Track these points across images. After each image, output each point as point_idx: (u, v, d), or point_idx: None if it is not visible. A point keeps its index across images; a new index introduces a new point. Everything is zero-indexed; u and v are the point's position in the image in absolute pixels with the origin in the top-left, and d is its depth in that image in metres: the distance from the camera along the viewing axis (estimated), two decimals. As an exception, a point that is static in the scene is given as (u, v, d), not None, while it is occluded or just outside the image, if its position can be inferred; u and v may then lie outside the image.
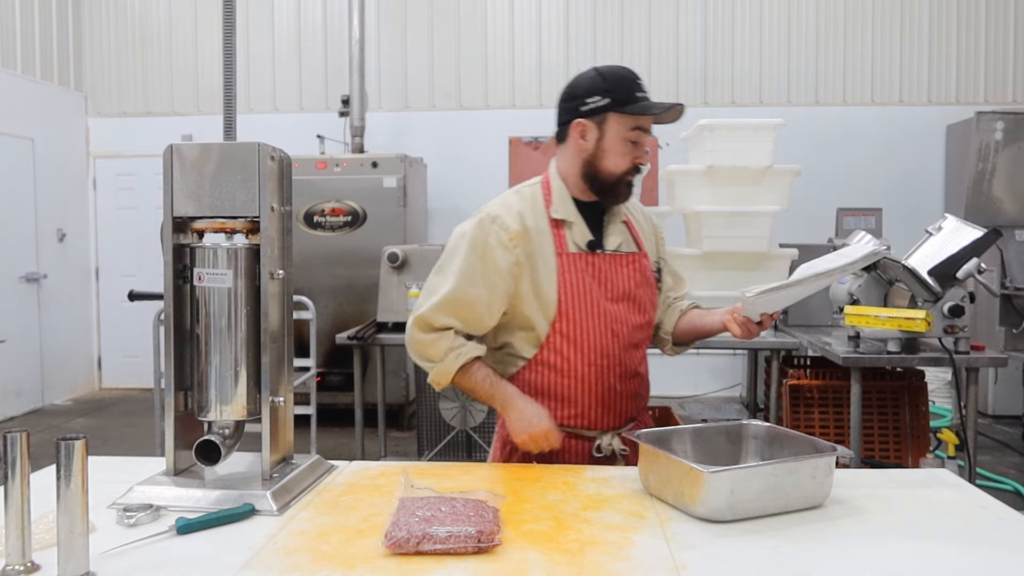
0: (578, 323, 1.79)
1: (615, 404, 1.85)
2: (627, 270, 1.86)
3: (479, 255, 1.79)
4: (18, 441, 1.14)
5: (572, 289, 1.79)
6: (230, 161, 1.48)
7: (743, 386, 6.79)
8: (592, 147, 1.80)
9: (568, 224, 1.83)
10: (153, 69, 7.76)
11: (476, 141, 7.40)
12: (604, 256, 1.84)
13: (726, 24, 7.32)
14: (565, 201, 1.85)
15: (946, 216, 3.32)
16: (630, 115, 1.76)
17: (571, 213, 1.84)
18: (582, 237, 1.83)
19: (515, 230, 1.79)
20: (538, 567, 1.19)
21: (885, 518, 1.40)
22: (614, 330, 1.82)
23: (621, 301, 1.84)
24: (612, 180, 1.81)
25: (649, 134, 1.82)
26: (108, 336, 7.85)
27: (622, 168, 1.80)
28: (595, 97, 1.78)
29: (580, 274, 1.80)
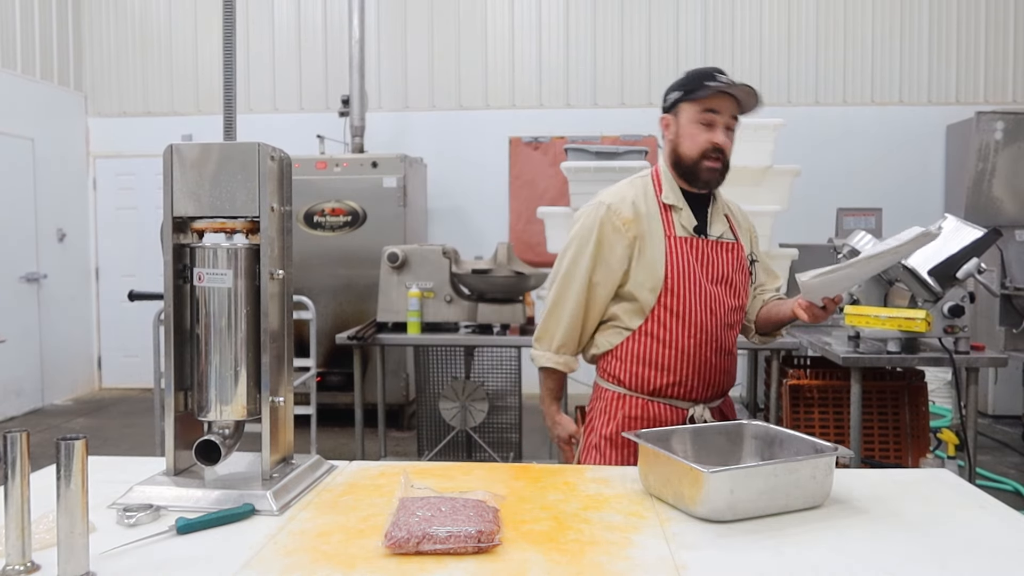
0: (682, 299, 1.97)
1: (710, 376, 2.02)
2: (727, 256, 2.04)
3: (597, 240, 2.02)
4: (18, 441, 1.14)
5: (678, 267, 1.98)
6: (230, 161, 1.48)
7: (743, 386, 6.78)
8: (673, 136, 2.03)
9: (676, 209, 2.02)
10: (153, 69, 7.76)
11: (476, 141, 7.40)
12: (708, 241, 2.03)
13: (726, 24, 7.32)
14: (673, 188, 2.04)
15: (946, 216, 3.32)
16: (697, 100, 1.95)
17: (679, 199, 2.03)
18: (689, 222, 2.02)
19: (627, 216, 2.01)
20: (538, 567, 1.19)
21: (885, 518, 1.40)
22: (712, 308, 1.99)
23: (720, 284, 2.02)
24: (691, 163, 1.98)
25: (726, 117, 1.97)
26: (108, 336, 7.85)
27: (696, 150, 1.97)
28: (673, 94, 2.03)
29: (686, 255, 1.99)
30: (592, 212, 2.05)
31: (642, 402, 2.02)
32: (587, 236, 2.03)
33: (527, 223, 6.90)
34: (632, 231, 1.99)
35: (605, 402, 2.08)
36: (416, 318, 4.26)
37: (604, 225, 2.01)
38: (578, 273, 2.04)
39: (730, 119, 1.98)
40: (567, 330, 2.08)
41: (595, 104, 7.39)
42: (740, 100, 1.97)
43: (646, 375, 2.01)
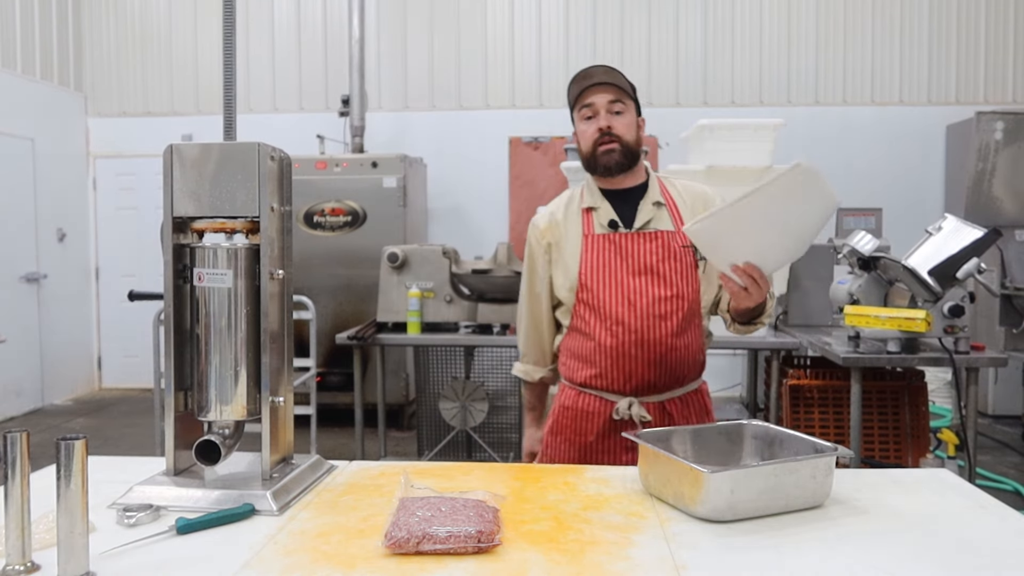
0: (597, 294, 2.03)
1: (631, 369, 2.02)
2: (651, 246, 2.04)
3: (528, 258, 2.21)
4: (18, 441, 1.14)
5: (592, 264, 2.05)
6: (230, 161, 1.48)
7: (743, 386, 6.79)
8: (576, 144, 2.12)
9: (595, 210, 2.09)
10: (153, 69, 7.76)
11: (476, 141, 7.40)
12: (626, 234, 2.05)
13: (726, 24, 7.32)
14: (592, 192, 2.11)
15: (946, 216, 3.32)
16: (575, 106, 2.06)
17: (596, 200, 2.09)
18: (605, 218, 2.07)
19: (542, 227, 2.15)
20: (538, 567, 1.19)
21: (885, 518, 1.40)
22: (631, 300, 2.01)
23: (643, 275, 2.02)
24: (590, 156, 2.06)
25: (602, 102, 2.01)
26: (108, 336, 7.85)
27: (588, 143, 2.05)
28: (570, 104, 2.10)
29: (602, 251, 2.05)
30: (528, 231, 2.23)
31: (574, 393, 2.11)
32: (526, 253, 2.23)
33: (527, 223, 6.88)
34: (546, 239, 2.13)
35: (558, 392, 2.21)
36: (416, 318, 4.26)
37: (530, 239, 2.19)
38: (524, 288, 2.23)
39: (611, 103, 2.01)
40: (525, 340, 2.26)
41: (595, 104, 7.39)
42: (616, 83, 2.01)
43: (574, 367, 2.10)
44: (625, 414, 2.02)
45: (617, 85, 2.01)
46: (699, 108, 7.22)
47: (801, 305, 4.65)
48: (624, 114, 2.02)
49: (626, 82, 2.03)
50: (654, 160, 6.41)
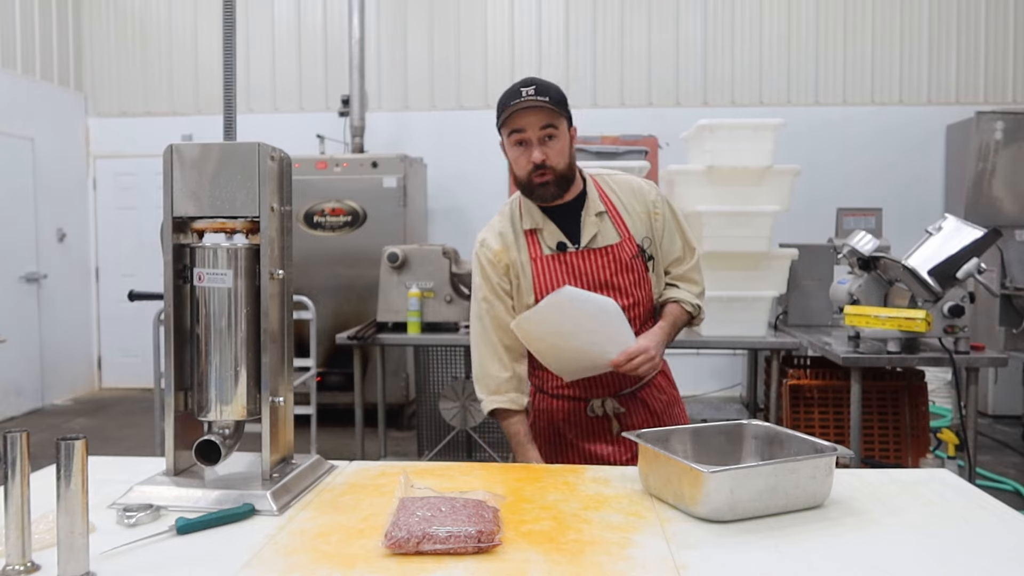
0: None
1: (602, 378, 2.03)
2: (601, 261, 2.01)
3: (483, 276, 2.07)
4: (18, 441, 1.14)
5: (546, 288, 1.99)
6: (230, 161, 1.48)
7: (743, 386, 6.79)
8: (509, 162, 2.01)
9: (539, 230, 2.03)
10: (153, 69, 7.76)
11: (476, 141, 7.39)
12: (576, 253, 2.01)
13: (726, 24, 7.32)
14: (531, 211, 2.04)
15: (946, 216, 3.32)
16: (505, 129, 1.94)
17: (538, 220, 2.03)
18: (553, 239, 2.02)
19: (496, 248, 2.05)
20: (538, 567, 1.19)
21: (885, 518, 1.40)
22: None
23: (599, 290, 1.99)
24: (525, 183, 1.98)
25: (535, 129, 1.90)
26: (108, 336, 7.85)
27: (522, 172, 1.96)
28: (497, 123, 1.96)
29: (553, 273, 2.01)
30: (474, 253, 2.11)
31: (545, 398, 2.12)
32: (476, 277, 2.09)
33: (527, 223, 6.89)
34: (503, 260, 2.03)
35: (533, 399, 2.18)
36: (416, 318, 4.26)
37: (481, 261, 2.06)
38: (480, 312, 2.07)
39: (541, 129, 1.90)
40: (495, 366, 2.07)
41: (595, 104, 7.39)
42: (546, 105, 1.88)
43: (544, 377, 2.10)
44: (600, 410, 2.06)
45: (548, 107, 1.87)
46: (699, 108, 7.22)
47: (801, 305, 4.65)
48: (557, 138, 1.92)
49: (557, 97, 1.90)
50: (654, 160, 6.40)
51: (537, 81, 1.91)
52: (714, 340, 4.26)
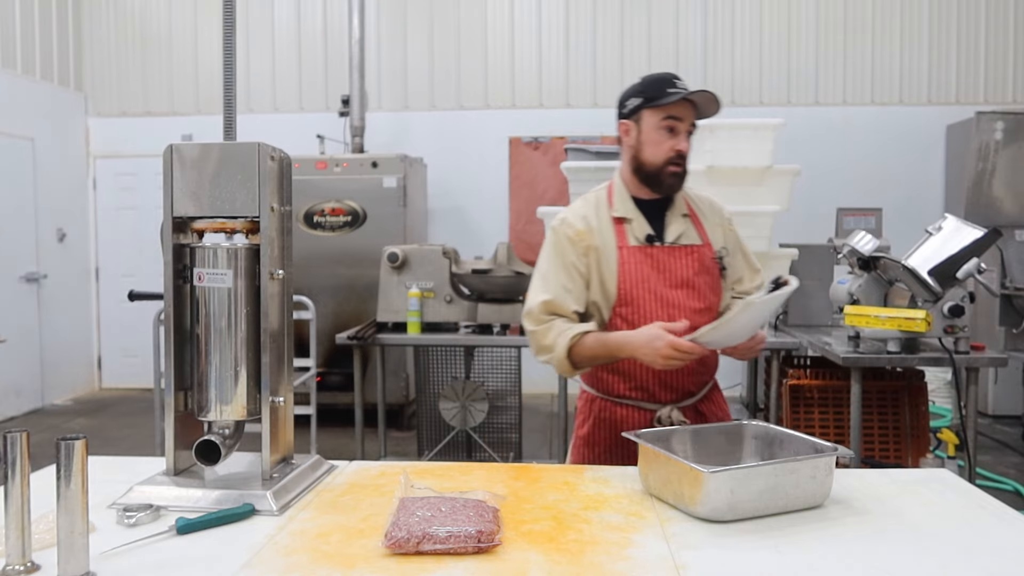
0: (637, 308, 2.00)
1: (670, 379, 2.02)
2: (686, 259, 2.04)
3: (557, 251, 2.04)
4: (18, 441, 1.14)
5: (631, 278, 2.00)
6: (230, 161, 1.48)
7: (743, 386, 6.78)
8: (634, 143, 2.04)
9: (628, 221, 2.04)
10: (153, 69, 7.76)
11: (476, 141, 7.40)
12: (663, 248, 2.03)
13: (726, 24, 7.32)
14: (624, 200, 2.07)
15: (946, 216, 3.32)
16: (660, 107, 1.97)
17: (630, 211, 2.05)
18: (641, 231, 2.04)
19: (579, 228, 2.03)
20: (538, 567, 1.19)
21: (885, 518, 1.40)
22: (670, 314, 1.99)
23: (680, 288, 2.02)
24: (654, 169, 2.01)
25: (688, 125, 2.00)
26: (108, 336, 7.85)
27: (660, 157, 1.99)
28: (632, 99, 2.04)
29: (639, 264, 2.01)
30: (549, 228, 2.10)
31: (610, 405, 2.06)
32: (553, 249, 2.06)
33: (527, 223, 6.91)
34: (585, 241, 2.02)
35: (583, 402, 2.14)
36: (416, 318, 4.26)
37: (559, 236, 2.05)
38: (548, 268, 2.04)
39: (690, 125, 2.00)
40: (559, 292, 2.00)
41: (595, 104, 7.40)
42: (699, 106, 2.00)
43: (609, 380, 2.06)
44: (667, 421, 2.01)
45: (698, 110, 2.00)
46: (699, 108, 7.21)
47: (801, 305, 4.65)
48: (692, 138, 2.03)
49: (712, 112, 2.03)
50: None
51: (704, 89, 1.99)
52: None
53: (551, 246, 2.07)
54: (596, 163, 4.13)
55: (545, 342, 1.99)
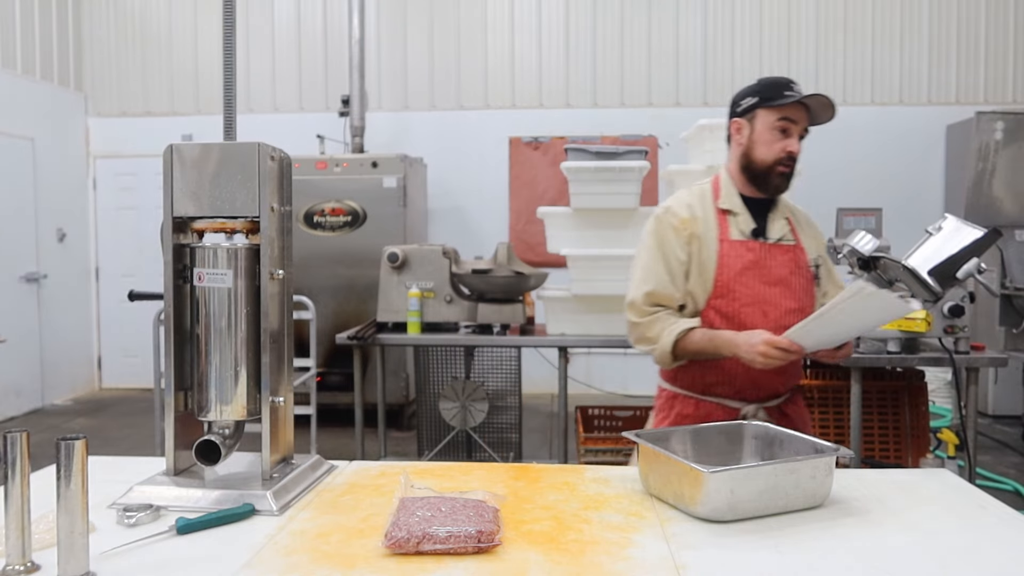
0: (733, 301, 2.02)
1: (759, 378, 2.02)
2: (784, 257, 2.08)
3: (659, 241, 2.07)
4: (18, 441, 1.14)
5: (729, 271, 2.03)
6: (230, 161, 1.48)
7: (743, 386, 6.79)
8: (745, 141, 2.07)
9: (733, 214, 2.08)
10: (153, 69, 7.76)
11: (476, 141, 7.40)
12: (765, 244, 2.07)
13: (726, 24, 7.32)
14: (731, 194, 2.10)
15: (946, 216, 3.31)
16: (775, 107, 2.00)
17: (736, 205, 2.09)
18: (746, 225, 2.07)
19: (684, 216, 2.06)
20: (538, 567, 1.19)
21: (885, 518, 1.40)
22: (764, 311, 2.02)
23: (776, 285, 2.05)
24: (764, 168, 2.04)
25: (802, 128, 2.04)
26: (108, 336, 7.85)
27: (772, 156, 2.03)
28: (747, 99, 2.07)
29: (739, 258, 2.04)
30: (652, 217, 2.12)
31: (694, 401, 2.07)
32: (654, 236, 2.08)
33: (527, 223, 6.90)
34: (688, 229, 2.04)
35: (662, 401, 2.14)
36: (416, 318, 4.26)
37: (661, 224, 2.08)
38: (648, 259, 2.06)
39: (803, 129, 2.04)
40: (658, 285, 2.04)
41: (595, 104, 7.40)
42: (813, 111, 2.03)
43: (698, 375, 2.06)
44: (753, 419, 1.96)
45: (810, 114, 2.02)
46: (699, 108, 7.22)
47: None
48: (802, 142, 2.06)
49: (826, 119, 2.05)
50: (654, 160, 6.40)
51: None
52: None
53: (653, 235, 2.08)
54: (596, 163, 4.13)
55: (649, 334, 2.03)
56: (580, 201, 4.16)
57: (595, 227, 4.21)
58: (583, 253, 4.15)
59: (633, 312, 2.06)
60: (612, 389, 7.32)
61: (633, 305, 2.06)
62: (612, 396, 7.18)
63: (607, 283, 4.15)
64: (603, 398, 7.02)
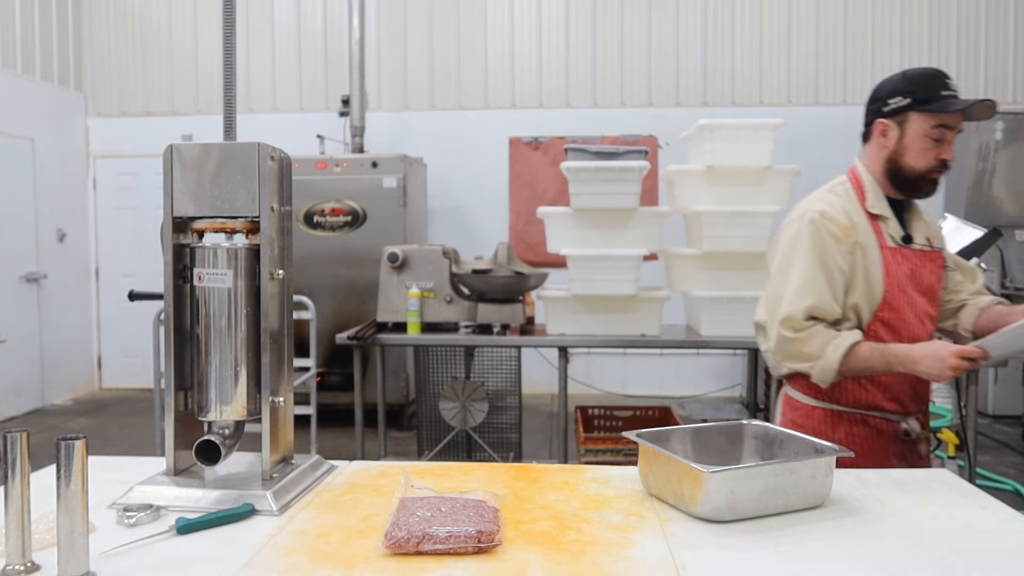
0: (899, 312, 1.90)
1: (919, 388, 1.96)
2: (931, 265, 1.97)
3: (818, 250, 1.88)
4: (18, 441, 1.14)
5: (895, 280, 1.90)
6: (230, 161, 1.48)
7: (743, 386, 6.78)
8: (893, 145, 1.92)
9: (883, 219, 1.93)
10: (153, 69, 7.76)
11: (476, 141, 7.41)
12: (914, 251, 1.94)
13: (726, 24, 7.32)
14: (879, 197, 1.95)
15: (946, 216, 3.33)
16: (932, 113, 1.85)
17: (885, 208, 1.94)
18: (896, 231, 1.93)
19: (844, 223, 1.89)
20: (538, 567, 1.19)
21: (885, 518, 1.40)
22: (922, 320, 1.93)
23: (924, 293, 1.95)
24: (915, 176, 1.90)
25: (956, 131, 1.89)
26: (108, 336, 7.85)
27: (924, 165, 1.88)
28: (896, 98, 1.91)
29: (899, 267, 1.91)
30: (799, 221, 1.93)
31: (860, 416, 1.94)
32: (813, 241, 1.88)
33: (527, 223, 6.91)
34: (851, 238, 1.88)
35: (818, 421, 1.96)
36: (416, 318, 4.26)
37: (818, 229, 1.88)
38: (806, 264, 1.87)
39: (957, 134, 1.90)
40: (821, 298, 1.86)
41: (595, 104, 7.40)
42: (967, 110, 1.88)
43: (859, 390, 1.93)
44: (914, 432, 1.93)
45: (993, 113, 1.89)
46: (699, 108, 7.22)
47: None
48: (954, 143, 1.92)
49: (984, 117, 1.92)
50: (654, 160, 6.40)
51: None
52: (714, 340, 4.26)
53: (809, 242, 1.89)
54: (596, 163, 4.13)
55: (808, 350, 1.87)
56: (580, 201, 4.17)
57: (595, 227, 4.21)
58: (583, 253, 4.15)
59: (787, 327, 1.88)
60: (612, 389, 7.32)
61: (789, 320, 1.87)
62: (612, 396, 7.18)
63: (607, 283, 4.16)
64: (603, 398, 7.02)
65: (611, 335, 4.26)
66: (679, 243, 4.54)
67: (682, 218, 4.54)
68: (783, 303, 1.90)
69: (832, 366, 1.84)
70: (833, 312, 1.88)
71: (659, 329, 4.29)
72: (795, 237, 1.92)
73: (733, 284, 4.14)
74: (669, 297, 4.31)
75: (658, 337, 4.31)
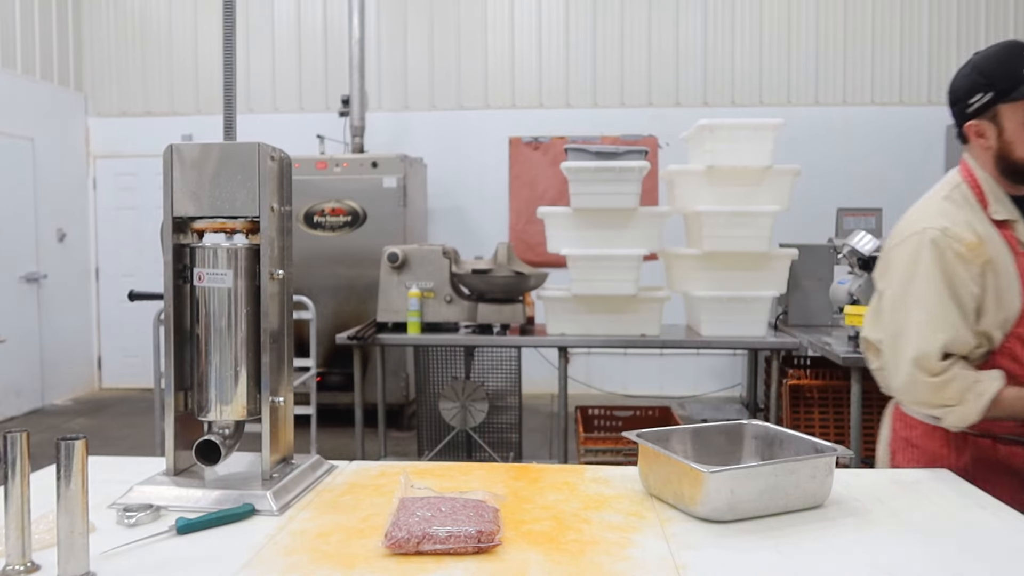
0: None
1: None
2: None
3: (945, 275, 1.68)
4: (18, 441, 1.14)
5: None
6: (230, 161, 1.48)
7: (743, 386, 6.79)
8: (996, 144, 1.75)
9: (1012, 224, 1.73)
10: (153, 69, 7.76)
11: (476, 141, 7.41)
12: None
13: (726, 24, 7.33)
14: (1002, 199, 1.75)
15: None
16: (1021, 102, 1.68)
17: (1011, 211, 1.74)
18: None
19: (970, 240, 1.69)
20: (538, 567, 1.19)
21: (885, 518, 1.40)
22: None
23: None
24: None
25: None
26: (108, 336, 7.85)
27: None
28: (977, 95, 1.75)
29: None
30: (918, 238, 1.72)
31: (990, 441, 1.75)
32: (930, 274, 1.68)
33: (527, 223, 6.91)
34: (981, 257, 1.67)
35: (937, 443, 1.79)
36: (416, 318, 4.26)
37: (942, 251, 1.67)
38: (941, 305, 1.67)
39: None
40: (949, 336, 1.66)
41: (595, 104, 7.40)
42: None
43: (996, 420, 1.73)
44: None
45: None
46: (699, 108, 7.22)
47: (801, 305, 4.65)
48: None
49: None
50: (654, 160, 6.40)
51: None
52: (714, 340, 4.26)
53: (933, 266, 1.68)
54: (596, 163, 4.13)
55: (947, 396, 1.67)
56: (580, 201, 4.17)
57: (595, 227, 4.21)
58: (583, 253, 4.15)
59: (923, 370, 1.67)
60: (612, 389, 7.33)
61: (925, 361, 1.67)
62: (612, 396, 7.18)
63: (607, 283, 4.16)
64: (603, 398, 7.02)
65: (611, 335, 4.26)
66: (679, 243, 4.54)
67: (682, 218, 4.54)
68: (911, 338, 1.70)
69: (971, 417, 1.67)
70: (968, 344, 1.69)
71: (659, 329, 4.29)
72: (913, 257, 1.72)
73: (733, 284, 4.15)
74: (669, 297, 4.31)
75: (658, 337, 4.31)
